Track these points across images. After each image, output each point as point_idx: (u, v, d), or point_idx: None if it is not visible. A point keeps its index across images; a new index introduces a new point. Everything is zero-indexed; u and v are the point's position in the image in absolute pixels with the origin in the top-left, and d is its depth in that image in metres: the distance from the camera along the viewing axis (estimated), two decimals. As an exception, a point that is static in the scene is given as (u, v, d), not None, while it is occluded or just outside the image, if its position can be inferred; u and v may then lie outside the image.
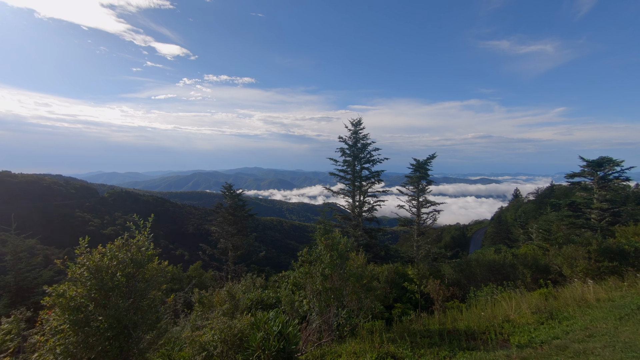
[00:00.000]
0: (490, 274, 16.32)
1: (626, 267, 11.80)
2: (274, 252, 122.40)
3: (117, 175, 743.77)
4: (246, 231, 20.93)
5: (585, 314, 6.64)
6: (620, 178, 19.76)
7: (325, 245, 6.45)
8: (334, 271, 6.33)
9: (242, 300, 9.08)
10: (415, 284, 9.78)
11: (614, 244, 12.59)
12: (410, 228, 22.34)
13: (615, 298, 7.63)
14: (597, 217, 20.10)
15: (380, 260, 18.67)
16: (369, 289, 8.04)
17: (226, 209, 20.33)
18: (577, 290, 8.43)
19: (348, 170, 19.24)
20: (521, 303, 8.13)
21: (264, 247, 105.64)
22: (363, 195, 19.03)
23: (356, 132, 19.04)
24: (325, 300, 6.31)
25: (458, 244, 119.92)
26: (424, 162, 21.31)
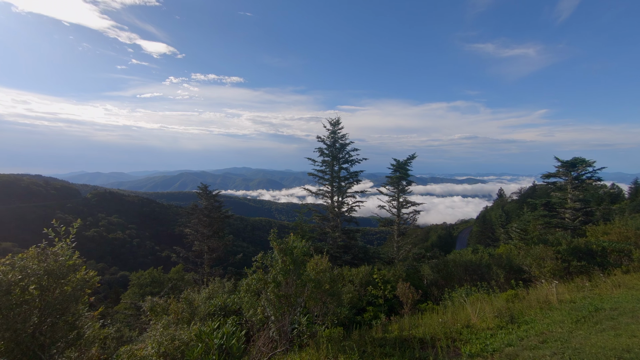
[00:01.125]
0: (467, 274, 16.36)
1: (593, 267, 11.96)
2: (263, 253, 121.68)
3: (101, 175, 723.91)
4: (223, 233, 20.40)
5: (545, 316, 6.54)
6: (593, 178, 20.20)
7: (279, 250, 6.13)
8: (287, 277, 6.02)
9: (202, 307, 8.68)
10: (379, 288, 9.57)
11: (582, 244, 12.75)
12: (390, 228, 22.27)
13: (577, 299, 7.60)
14: (571, 217, 20.49)
15: (359, 261, 18.49)
16: (332, 294, 7.78)
17: (201, 210, 19.75)
18: (541, 291, 8.39)
19: (327, 170, 18.98)
20: (486, 306, 8.02)
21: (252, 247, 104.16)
22: (342, 196, 18.80)
23: (334, 132, 18.79)
24: (279, 308, 6.00)
25: (444, 243, 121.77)
26: (404, 162, 21.27)
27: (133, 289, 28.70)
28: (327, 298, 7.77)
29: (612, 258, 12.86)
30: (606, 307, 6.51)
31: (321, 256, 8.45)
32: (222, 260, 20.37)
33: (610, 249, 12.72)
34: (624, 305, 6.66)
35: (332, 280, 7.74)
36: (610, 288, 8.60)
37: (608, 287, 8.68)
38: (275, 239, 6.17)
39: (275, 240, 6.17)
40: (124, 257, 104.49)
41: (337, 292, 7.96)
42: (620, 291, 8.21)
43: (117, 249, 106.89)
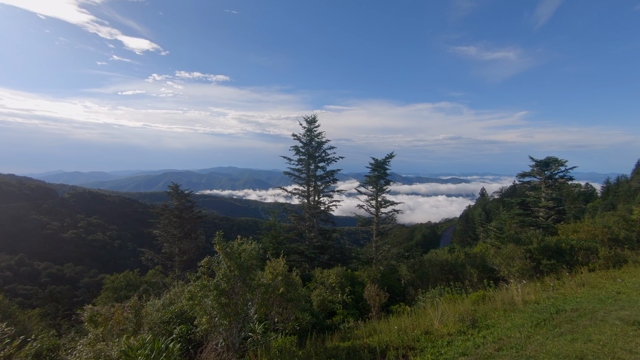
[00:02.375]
0: (443, 274, 16.24)
1: (562, 265, 12.01)
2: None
3: (80, 174, 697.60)
4: (195, 234, 19.61)
5: (507, 319, 6.31)
6: (565, 177, 20.57)
7: (224, 254, 5.63)
8: (231, 284, 5.52)
9: (154, 314, 8.04)
10: (337, 292, 9.17)
11: (552, 243, 12.80)
12: (369, 228, 22.03)
13: (541, 300, 7.44)
14: (545, 215, 20.80)
15: (336, 262, 18.12)
16: (290, 299, 7.33)
17: (171, 210, 18.90)
18: (507, 292, 8.22)
19: (303, 169, 18.51)
20: (452, 309, 7.76)
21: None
22: (318, 195, 18.38)
23: (310, 129, 18.34)
24: (223, 317, 5.50)
25: (429, 241, 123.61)
26: (383, 161, 21.04)
27: (107, 293, 27.38)
28: (286, 303, 7.32)
29: (580, 256, 12.98)
30: (567, 309, 6.34)
31: (282, 257, 7.98)
32: (195, 263, 19.54)
33: (578, 247, 12.84)
34: (584, 305, 6.51)
35: (289, 284, 7.29)
36: (575, 287, 8.53)
37: (573, 287, 8.60)
38: (220, 242, 5.66)
39: (220, 243, 5.65)
40: (104, 259, 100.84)
41: (297, 297, 7.52)
42: (583, 290, 8.13)
43: (97, 251, 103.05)
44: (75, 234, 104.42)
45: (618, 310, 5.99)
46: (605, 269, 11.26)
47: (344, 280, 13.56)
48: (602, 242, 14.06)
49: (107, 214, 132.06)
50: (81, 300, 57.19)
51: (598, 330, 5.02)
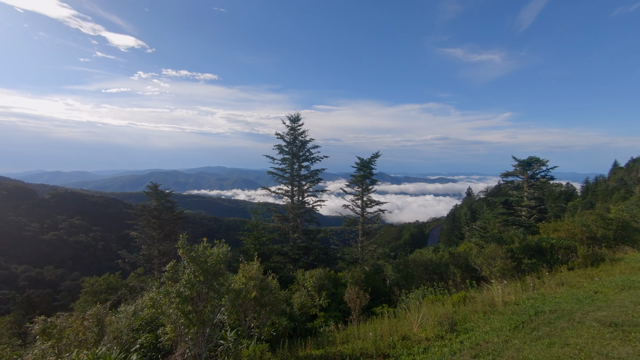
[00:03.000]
0: (427, 274, 16.17)
1: (542, 264, 12.08)
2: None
3: (62, 174, 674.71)
4: (176, 235, 18.93)
5: (486, 322, 6.16)
6: (546, 177, 20.90)
7: (189, 259, 5.26)
8: (196, 290, 5.16)
9: (122, 322, 7.56)
10: (318, 295, 8.88)
11: (534, 242, 12.88)
12: (355, 228, 21.86)
13: (521, 301, 7.35)
14: (527, 214, 21.09)
15: (320, 263, 17.85)
16: (264, 304, 7.00)
17: (149, 211, 18.21)
18: (488, 293, 8.11)
19: (287, 169, 18.15)
20: (432, 311, 7.59)
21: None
22: (302, 195, 18.06)
23: (294, 128, 18.00)
24: (187, 326, 5.13)
25: (416, 240, 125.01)
26: (368, 160, 20.91)
27: (86, 297, 26.28)
28: (260, 308, 6.98)
29: (560, 254, 13.11)
30: (546, 310, 6.24)
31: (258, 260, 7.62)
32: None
33: (558, 246, 12.96)
34: (563, 306, 6.42)
35: (264, 288, 6.95)
36: (554, 287, 8.50)
37: (552, 286, 8.58)
38: (184, 246, 5.28)
39: (184, 247, 5.28)
40: (87, 261, 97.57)
41: (272, 302, 7.18)
42: (562, 290, 8.10)
43: (79, 253, 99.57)
44: (56, 236, 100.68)
45: (595, 310, 5.92)
46: (584, 268, 11.36)
47: (326, 282, 13.29)
48: (581, 240, 14.26)
49: (91, 214, 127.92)
50: (62, 304, 55.03)
51: (575, 334, 4.89)
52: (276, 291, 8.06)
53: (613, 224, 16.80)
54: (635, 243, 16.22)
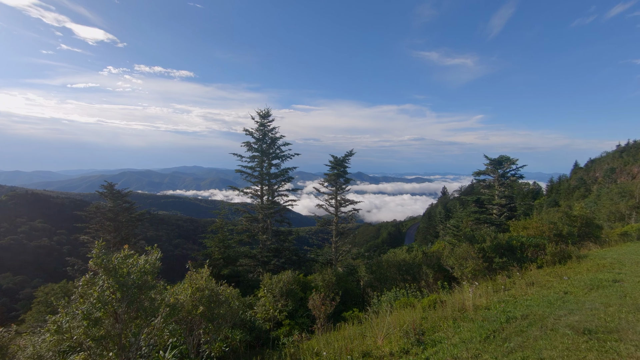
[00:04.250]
0: (400, 275, 15.78)
1: (513, 263, 11.96)
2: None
3: (22, 174, 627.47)
4: (136, 239, 17.46)
5: (456, 332, 5.63)
6: (516, 175, 21.28)
7: (104, 272, 4.31)
8: (113, 309, 4.22)
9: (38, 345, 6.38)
10: (282, 300, 8.11)
11: (504, 240, 12.78)
12: (329, 228, 21.23)
13: (492, 304, 6.93)
14: (498, 213, 21.36)
15: (292, 265, 17.04)
16: (211, 318, 6.12)
17: (103, 213, 16.60)
18: (458, 296, 7.66)
19: (256, 167, 17.17)
20: (399, 320, 7.03)
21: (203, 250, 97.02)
22: (272, 195, 17.16)
23: (264, 124, 17.06)
24: (101, 352, 4.18)
25: (394, 239, 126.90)
26: (342, 159, 20.34)
27: (39, 307, 23.91)
28: (207, 323, 6.09)
29: (530, 252, 13.12)
30: (518, 315, 5.81)
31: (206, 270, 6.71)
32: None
33: (527, 244, 12.94)
34: (534, 310, 6.03)
35: (213, 301, 6.07)
36: (525, 287, 8.22)
37: (523, 286, 8.29)
38: (98, 256, 4.32)
39: (98, 257, 4.32)
40: (50, 267, 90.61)
41: (224, 314, 6.31)
42: (533, 291, 7.81)
43: (41, 258, 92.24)
44: (15, 240, 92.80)
45: (567, 315, 5.55)
46: (552, 265, 11.33)
47: (294, 286, 12.50)
48: (549, 238, 14.40)
49: (55, 217, 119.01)
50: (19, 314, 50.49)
51: (549, 344, 4.43)
52: (231, 301, 7.18)
53: (577, 221, 17.25)
54: (598, 239, 16.73)
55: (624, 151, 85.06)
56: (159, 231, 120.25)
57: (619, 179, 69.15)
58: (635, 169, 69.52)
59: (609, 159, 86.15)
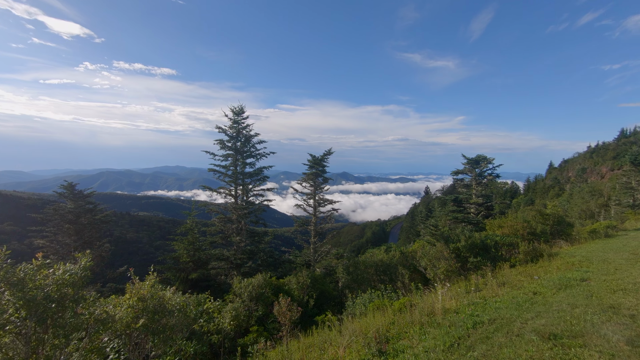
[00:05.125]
0: (377, 275, 15.54)
1: (487, 262, 11.91)
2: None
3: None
4: (100, 242, 16.39)
5: (421, 339, 5.31)
6: (493, 175, 21.54)
7: (7, 286, 3.68)
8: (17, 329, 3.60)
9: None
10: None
11: (479, 239, 12.74)
12: (307, 229, 20.79)
13: (461, 308, 6.68)
14: (475, 212, 21.55)
15: (267, 268, 16.48)
16: (155, 331, 5.54)
17: (62, 215, 15.46)
18: (428, 299, 7.39)
19: (230, 166, 16.50)
20: (367, 325, 6.67)
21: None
22: (246, 195, 16.54)
23: (238, 122, 16.41)
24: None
25: (378, 238, 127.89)
26: (321, 157, 19.96)
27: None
28: (151, 337, 5.50)
29: (504, 251, 13.15)
30: (485, 320, 5.55)
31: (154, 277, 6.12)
32: (98, 277, 16.34)
33: (502, 243, 12.95)
34: (503, 313, 5.80)
35: (157, 311, 5.49)
36: (496, 288, 8.06)
37: (494, 287, 8.13)
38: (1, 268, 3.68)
39: (1, 268, 3.68)
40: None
41: (172, 326, 5.74)
42: (504, 292, 7.65)
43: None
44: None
45: (534, 318, 5.33)
46: (525, 264, 11.33)
47: (266, 289, 11.99)
48: (522, 236, 14.52)
49: (26, 219, 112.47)
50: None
51: (514, 352, 4.16)
52: (187, 310, 6.61)
53: (550, 219, 17.56)
54: (569, 237, 17.08)
55: (594, 152, 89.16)
56: (140, 232, 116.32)
57: (589, 178, 72.33)
58: (604, 168, 72.94)
59: (580, 160, 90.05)
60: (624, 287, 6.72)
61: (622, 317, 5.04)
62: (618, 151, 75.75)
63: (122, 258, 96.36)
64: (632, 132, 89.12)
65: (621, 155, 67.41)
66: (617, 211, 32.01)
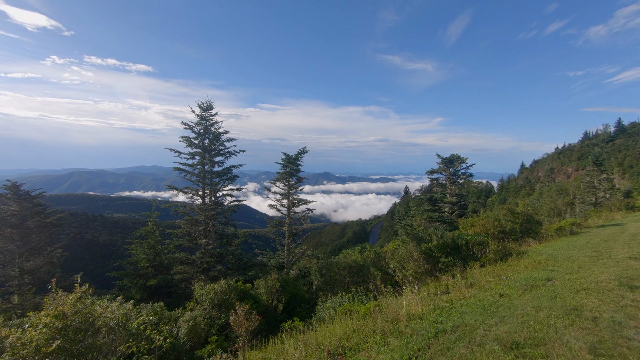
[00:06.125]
0: (351, 277, 15.18)
1: (457, 262, 11.80)
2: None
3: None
4: (51, 247, 15.00)
5: (380, 351, 4.89)
6: (466, 174, 21.79)
7: None
8: None
9: None
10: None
11: (450, 239, 12.64)
12: (281, 230, 20.17)
13: (426, 313, 6.35)
14: (449, 211, 21.71)
15: (236, 271, 15.73)
16: (76, 355, 4.79)
17: (3, 218, 13.97)
18: (394, 304, 7.03)
19: (197, 164, 15.60)
20: (326, 333, 6.20)
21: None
22: (214, 195, 15.70)
23: (205, 118, 15.55)
24: None
25: (359, 238, 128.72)
26: (295, 156, 19.41)
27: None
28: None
29: (475, 250, 13.13)
30: (448, 328, 5.21)
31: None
32: (47, 285, 14.93)
33: (472, 242, 12.92)
34: (467, 319, 5.50)
35: (79, 330, 4.75)
36: (464, 289, 7.83)
37: (462, 289, 7.90)
38: None
39: None
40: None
41: (100, 346, 5.00)
42: (471, 294, 7.41)
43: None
44: None
45: (498, 324, 5.04)
46: (495, 263, 11.29)
47: (231, 295, 11.30)
48: (493, 235, 14.63)
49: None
50: None
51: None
52: (128, 324, 5.88)
53: (520, 218, 17.90)
54: (537, 235, 17.46)
55: (561, 153, 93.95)
56: (114, 235, 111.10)
57: (557, 178, 76.01)
58: (570, 169, 76.91)
59: (549, 160, 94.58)
60: (586, 287, 6.63)
61: (584, 321, 4.83)
62: (582, 152, 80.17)
63: (94, 262, 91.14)
64: (594, 134, 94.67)
65: (585, 156, 71.33)
66: (581, 209, 33.54)
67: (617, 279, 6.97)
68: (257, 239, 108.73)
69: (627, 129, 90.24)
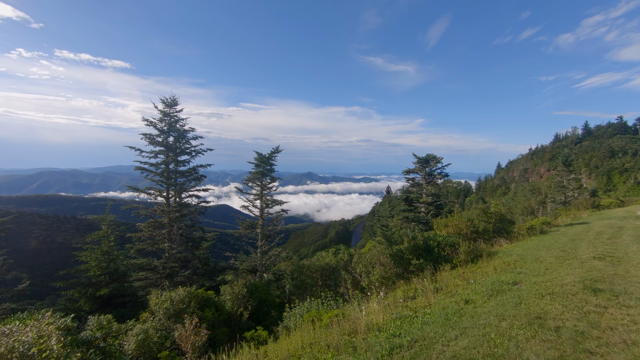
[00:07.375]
0: (323, 281, 14.70)
1: (429, 264, 11.55)
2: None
3: None
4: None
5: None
6: (442, 174, 21.82)
7: None
8: None
9: None
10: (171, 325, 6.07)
11: (421, 240, 12.39)
12: (254, 232, 19.41)
13: (386, 323, 5.90)
14: (425, 211, 21.66)
15: (202, 276, 14.87)
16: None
17: None
18: (354, 313, 6.56)
19: (160, 164, 14.63)
20: (293, 342, 5.64)
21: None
22: (179, 196, 14.78)
23: (169, 114, 14.60)
24: None
25: (342, 238, 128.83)
26: (268, 155, 18.70)
27: None
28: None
29: (448, 251, 12.96)
30: (404, 343, 4.77)
31: None
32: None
33: (444, 244, 12.73)
34: (427, 331, 5.08)
35: None
36: (431, 295, 7.47)
37: (429, 294, 7.55)
38: None
39: None
40: None
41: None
42: (437, 300, 7.06)
43: None
44: None
45: (458, 337, 4.65)
46: (465, 265, 11.10)
47: (192, 304, 10.50)
48: (465, 235, 14.53)
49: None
50: None
51: (422, 393, 3.33)
52: (48, 345, 5.06)
53: (493, 217, 18.00)
54: (509, 234, 17.61)
55: (534, 154, 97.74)
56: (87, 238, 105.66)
57: (530, 178, 78.94)
58: (542, 169, 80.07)
59: (523, 161, 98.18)
60: (551, 291, 6.41)
61: (547, 332, 4.51)
62: (554, 153, 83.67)
63: (67, 266, 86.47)
64: (564, 136, 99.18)
65: (556, 157, 74.40)
66: (552, 208, 34.68)
67: (582, 281, 6.81)
68: (239, 240, 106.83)
69: (593, 131, 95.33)
